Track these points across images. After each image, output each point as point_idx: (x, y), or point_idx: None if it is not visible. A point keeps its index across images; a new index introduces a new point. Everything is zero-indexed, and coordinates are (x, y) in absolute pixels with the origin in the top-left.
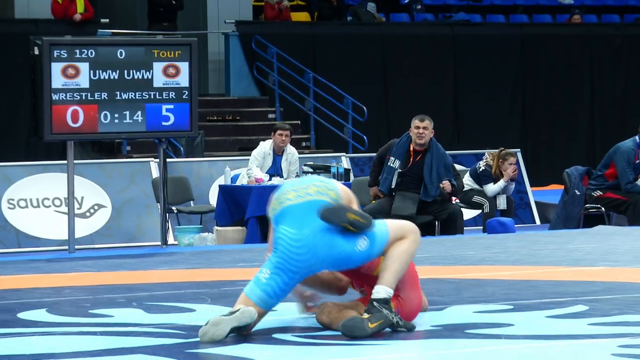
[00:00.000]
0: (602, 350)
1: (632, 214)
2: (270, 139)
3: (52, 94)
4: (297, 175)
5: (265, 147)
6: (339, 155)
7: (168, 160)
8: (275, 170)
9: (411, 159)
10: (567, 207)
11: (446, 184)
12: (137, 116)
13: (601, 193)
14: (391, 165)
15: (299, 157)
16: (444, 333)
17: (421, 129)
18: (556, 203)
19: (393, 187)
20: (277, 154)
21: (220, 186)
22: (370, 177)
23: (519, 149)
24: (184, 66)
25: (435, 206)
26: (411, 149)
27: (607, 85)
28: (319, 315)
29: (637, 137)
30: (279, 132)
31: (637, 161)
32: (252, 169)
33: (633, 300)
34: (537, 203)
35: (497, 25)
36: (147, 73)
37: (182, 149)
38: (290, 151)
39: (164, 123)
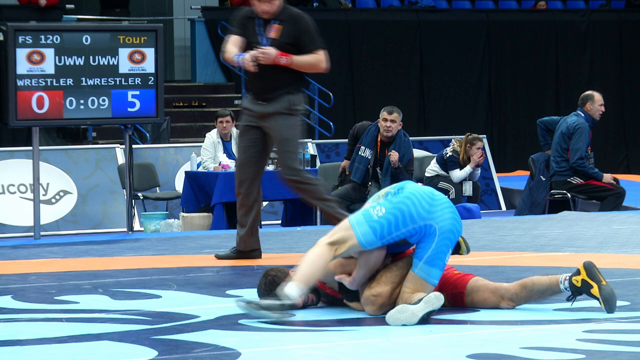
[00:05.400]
0: (567, 335)
1: (613, 202)
2: (215, 128)
3: (17, 80)
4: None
5: (212, 137)
6: (305, 142)
7: (134, 146)
8: (228, 156)
9: (379, 150)
10: (533, 193)
11: (394, 155)
12: (103, 102)
13: (582, 180)
14: (362, 154)
15: None
16: None
17: (389, 121)
18: (522, 189)
19: (365, 177)
20: (225, 140)
21: (186, 172)
22: (347, 151)
23: (484, 135)
24: (149, 52)
25: None
26: (379, 139)
27: (573, 71)
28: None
29: (581, 113)
30: (219, 119)
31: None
32: (206, 161)
33: None
34: (502, 189)
35: (463, 11)
36: (113, 59)
37: (148, 135)
38: (236, 135)
39: (129, 109)
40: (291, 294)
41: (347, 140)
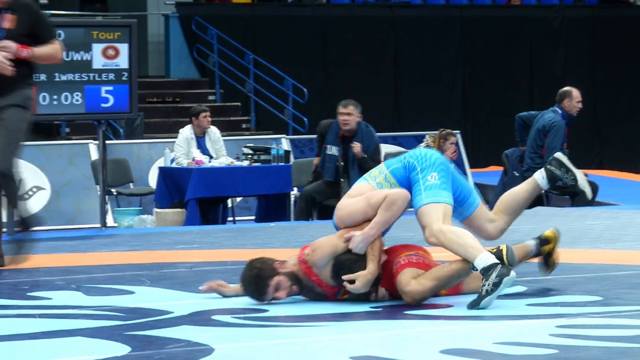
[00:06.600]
0: (540, 330)
1: (585, 198)
2: (189, 124)
3: None
4: (235, 156)
5: (186, 133)
6: (279, 137)
7: (107, 142)
8: (202, 152)
9: (342, 145)
10: (506, 189)
11: (356, 146)
12: (76, 98)
13: None
14: (329, 153)
15: (239, 139)
16: (383, 314)
17: (345, 115)
18: (495, 184)
19: (336, 174)
20: (199, 136)
21: (160, 168)
22: (317, 148)
23: (458, 131)
24: (123, 48)
25: None
26: (341, 134)
27: (546, 67)
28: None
29: (558, 109)
30: (203, 114)
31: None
32: (180, 157)
33: (571, 281)
34: (476, 184)
35: (437, 7)
36: (86, 54)
37: (121, 130)
38: (212, 130)
39: (103, 105)
40: (491, 259)
41: None
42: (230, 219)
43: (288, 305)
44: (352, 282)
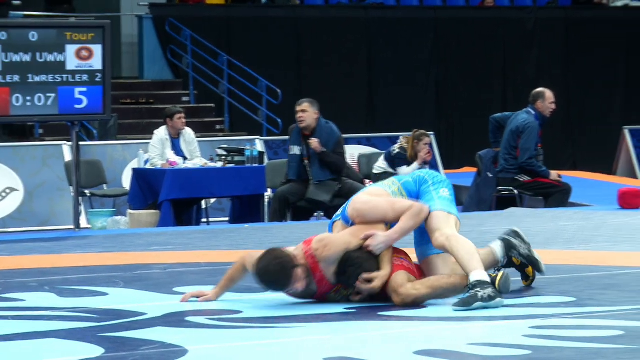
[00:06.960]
0: (514, 331)
1: (559, 199)
2: (163, 125)
3: None
4: (210, 158)
5: (160, 134)
6: (253, 139)
7: (81, 143)
8: (177, 153)
9: (304, 143)
10: (480, 190)
11: (313, 141)
12: (50, 99)
13: (529, 178)
14: (291, 153)
15: (213, 140)
16: (358, 315)
17: (299, 112)
18: (469, 186)
19: (300, 173)
20: (174, 137)
21: (133, 169)
22: None
23: (432, 132)
24: (97, 49)
25: (344, 187)
26: (302, 133)
27: (520, 68)
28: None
29: (531, 110)
30: (177, 115)
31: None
32: (154, 158)
33: (545, 282)
34: None
35: (410, 8)
36: (60, 56)
37: (95, 132)
38: (186, 132)
39: (76, 106)
40: (487, 277)
41: None
42: (204, 220)
43: (262, 307)
44: (368, 281)
